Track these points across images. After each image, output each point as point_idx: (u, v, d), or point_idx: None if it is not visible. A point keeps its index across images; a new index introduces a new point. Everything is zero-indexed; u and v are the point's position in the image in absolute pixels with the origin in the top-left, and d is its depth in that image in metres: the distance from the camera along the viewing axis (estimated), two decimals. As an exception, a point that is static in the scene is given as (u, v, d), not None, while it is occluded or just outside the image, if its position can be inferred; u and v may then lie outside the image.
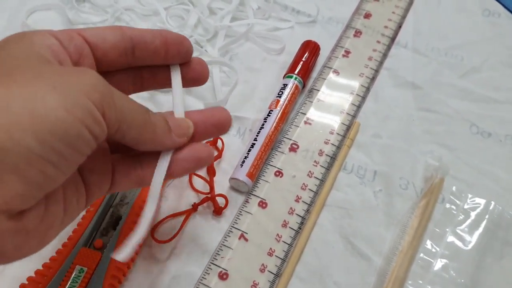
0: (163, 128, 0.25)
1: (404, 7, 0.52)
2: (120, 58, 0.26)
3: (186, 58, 0.29)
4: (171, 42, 0.27)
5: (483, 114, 0.45)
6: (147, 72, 0.29)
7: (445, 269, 0.36)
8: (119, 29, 0.26)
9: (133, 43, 0.26)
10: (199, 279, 0.35)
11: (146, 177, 0.26)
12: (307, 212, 0.38)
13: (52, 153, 0.19)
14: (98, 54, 0.25)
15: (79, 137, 0.20)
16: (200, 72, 0.30)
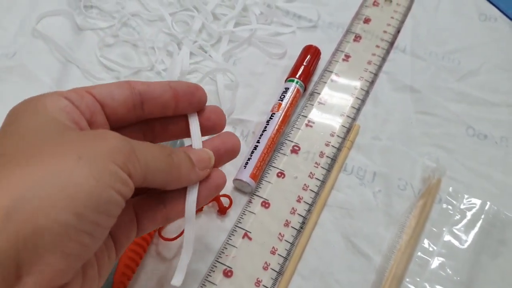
0: (187, 166, 0.26)
1: (402, 12, 0.53)
2: (129, 113, 0.26)
3: (198, 107, 0.29)
4: (181, 94, 0.27)
5: (480, 116, 0.46)
6: (159, 125, 0.29)
7: (442, 267, 0.37)
8: (127, 84, 0.26)
9: (142, 99, 0.26)
10: (205, 276, 0.36)
11: (170, 215, 0.27)
12: (308, 212, 0.40)
13: (88, 224, 0.19)
14: (108, 112, 0.25)
15: (110, 202, 0.20)
16: (216, 122, 0.29)
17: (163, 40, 0.49)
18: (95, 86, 0.25)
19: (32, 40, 0.49)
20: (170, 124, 0.29)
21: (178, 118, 0.29)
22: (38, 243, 0.18)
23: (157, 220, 0.27)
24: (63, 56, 0.48)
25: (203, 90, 0.28)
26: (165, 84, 0.27)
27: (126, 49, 0.49)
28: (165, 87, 0.27)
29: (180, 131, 0.29)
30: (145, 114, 0.27)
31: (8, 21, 0.50)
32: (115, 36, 0.50)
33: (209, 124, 0.29)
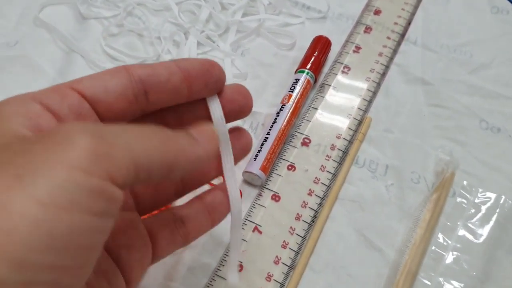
0: (186, 138, 0.21)
1: (413, 4, 0.52)
2: (131, 107, 0.21)
3: (217, 88, 0.23)
4: (194, 75, 0.22)
5: (493, 109, 0.45)
6: (172, 115, 0.24)
7: (457, 262, 0.36)
8: (124, 71, 0.21)
9: (145, 87, 0.21)
10: (214, 271, 0.35)
11: (190, 234, 0.24)
12: (320, 205, 0.39)
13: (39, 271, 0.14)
14: (101, 109, 0.20)
15: (75, 229, 0.15)
16: (242, 103, 0.24)
17: (169, 30, 0.48)
18: (83, 79, 0.20)
19: (35, 29, 0.48)
20: (186, 112, 0.24)
21: (194, 105, 0.23)
22: None
23: (176, 241, 0.24)
24: (66, 46, 0.47)
25: (219, 66, 0.23)
26: (172, 65, 0.22)
27: (131, 39, 0.48)
28: (172, 69, 0.21)
29: (197, 120, 0.23)
30: (151, 104, 0.22)
31: (9, 9, 0.49)
32: (120, 26, 0.48)
33: (234, 106, 0.24)
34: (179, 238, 0.24)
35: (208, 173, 0.25)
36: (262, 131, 0.42)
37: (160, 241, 0.23)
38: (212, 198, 0.25)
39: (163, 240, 0.23)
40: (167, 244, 0.23)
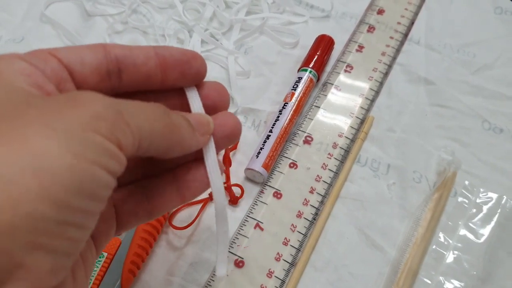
0: (187, 128, 0.21)
1: (416, 4, 0.52)
2: (103, 83, 0.21)
3: (195, 80, 0.23)
4: (171, 64, 0.22)
5: (495, 110, 0.45)
6: (144, 99, 0.22)
7: (458, 261, 0.37)
8: (102, 47, 0.21)
9: (119, 65, 0.21)
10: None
11: (154, 210, 0.23)
12: (321, 203, 0.39)
13: (71, 213, 0.15)
14: (77, 79, 0.20)
15: (97, 182, 0.16)
16: (217, 100, 0.24)
17: (173, 27, 0.48)
18: (61, 48, 0.20)
19: (40, 25, 0.48)
20: (161, 99, 0.23)
21: (170, 93, 0.24)
22: (11, 248, 0.14)
23: (139, 217, 0.23)
24: (71, 42, 0.47)
25: (201, 59, 0.23)
26: (150, 50, 0.22)
27: (135, 36, 0.48)
28: (150, 54, 0.22)
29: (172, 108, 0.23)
30: (124, 84, 0.22)
31: (16, 6, 0.50)
32: (125, 23, 0.49)
33: (209, 103, 0.24)
34: (143, 212, 0.23)
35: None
36: (265, 128, 0.42)
37: (123, 214, 0.23)
38: (184, 174, 0.24)
39: (126, 212, 0.23)
40: (130, 216, 0.23)
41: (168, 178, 0.24)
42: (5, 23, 0.48)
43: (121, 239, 0.33)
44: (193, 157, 0.24)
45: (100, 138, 0.16)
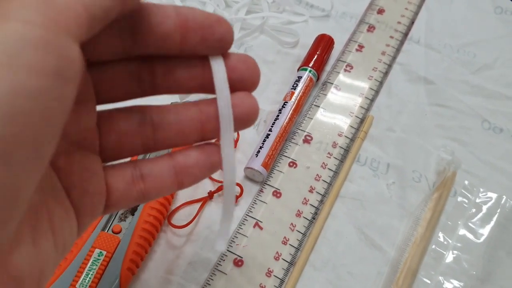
0: None
1: (417, 4, 0.52)
2: (112, 39, 0.19)
3: (219, 48, 0.20)
4: (192, 26, 0.19)
5: (495, 110, 0.45)
6: (160, 66, 0.21)
7: (457, 261, 0.37)
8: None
9: (133, 21, 0.18)
10: (215, 265, 0.35)
11: (148, 192, 0.22)
12: (321, 202, 0.39)
13: None
14: None
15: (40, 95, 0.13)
16: (244, 75, 0.21)
17: (173, 26, 0.48)
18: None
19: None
20: (178, 68, 0.21)
21: (191, 62, 0.21)
22: None
23: (131, 197, 0.21)
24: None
25: (228, 25, 0.20)
26: (169, 9, 0.19)
27: (135, 35, 0.48)
28: (168, 12, 0.19)
29: (192, 80, 0.21)
30: (137, 46, 0.19)
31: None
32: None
33: (235, 76, 0.21)
34: (135, 193, 0.21)
35: (188, 135, 0.22)
36: (264, 127, 0.42)
37: (113, 193, 0.21)
38: (184, 158, 0.22)
39: (116, 192, 0.21)
40: (120, 197, 0.21)
41: (166, 160, 0.22)
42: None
43: (120, 238, 0.33)
44: (195, 140, 0.22)
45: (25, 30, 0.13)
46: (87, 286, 0.31)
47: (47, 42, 0.13)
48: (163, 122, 0.21)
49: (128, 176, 0.21)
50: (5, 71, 0.12)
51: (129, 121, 0.21)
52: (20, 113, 0.13)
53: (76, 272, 0.31)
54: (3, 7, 0.13)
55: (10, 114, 0.12)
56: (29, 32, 0.13)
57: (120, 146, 0.21)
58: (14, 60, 0.13)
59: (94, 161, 0.20)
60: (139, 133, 0.21)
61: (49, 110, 0.14)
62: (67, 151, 0.19)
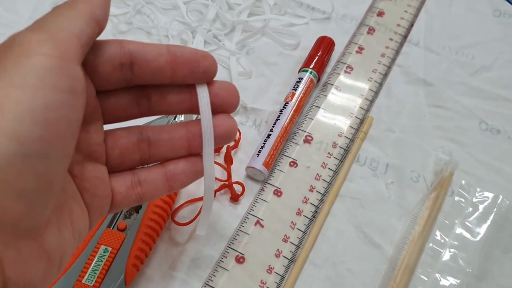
0: None
1: (416, 6, 0.53)
2: (115, 73, 0.23)
3: (204, 79, 0.25)
4: (181, 61, 0.24)
5: (493, 111, 0.46)
6: (156, 93, 0.25)
7: (454, 259, 0.37)
8: (117, 43, 0.23)
9: (132, 59, 0.23)
10: (217, 262, 0.36)
11: (145, 195, 0.26)
12: (321, 201, 0.40)
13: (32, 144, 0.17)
14: (89, 69, 0.23)
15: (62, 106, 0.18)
16: (226, 100, 0.25)
17: (177, 28, 0.49)
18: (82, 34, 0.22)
19: (46, 25, 0.49)
20: (171, 94, 0.25)
21: (180, 88, 0.25)
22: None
23: (131, 198, 0.26)
24: (76, 42, 0.48)
25: (212, 59, 0.24)
26: (162, 48, 0.24)
27: (140, 37, 0.49)
28: (161, 50, 0.23)
29: (182, 103, 0.26)
30: (135, 78, 0.24)
31: (21, 6, 0.51)
32: (129, 23, 0.50)
33: (217, 101, 0.25)
34: (134, 196, 0.26)
35: (178, 150, 0.26)
36: (266, 127, 0.43)
37: (117, 196, 0.25)
38: (174, 167, 0.26)
39: (119, 195, 0.25)
40: (122, 199, 0.26)
41: (159, 169, 0.26)
42: (13, 23, 0.49)
43: (125, 235, 0.34)
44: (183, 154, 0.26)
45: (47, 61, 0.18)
46: (93, 282, 0.32)
47: (62, 68, 0.18)
48: (158, 139, 0.26)
49: (128, 182, 0.26)
50: (39, 91, 0.17)
51: (130, 139, 0.26)
52: (52, 120, 0.18)
53: (82, 268, 0.32)
54: (25, 46, 0.18)
55: (46, 121, 0.17)
56: (49, 62, 0.18)
57: (122, 159, 0.26)
58: (43, 82, 0.17)
59: (102, 170, 0.25)
60: (137, 149, 0.26)
61: (69, 116, 0.19)
62: (81, 162, 0.24)
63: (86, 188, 0.23)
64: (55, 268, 0.21)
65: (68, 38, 0.19)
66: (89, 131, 0.24)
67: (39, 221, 0.19)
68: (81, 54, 0.20)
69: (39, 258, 0.19)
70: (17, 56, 0.18)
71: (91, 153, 0.24)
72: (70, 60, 0.19)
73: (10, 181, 0.16)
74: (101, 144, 0.25)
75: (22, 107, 0.17)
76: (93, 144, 0.24)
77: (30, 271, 0.19)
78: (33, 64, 0.17)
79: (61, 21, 0.19)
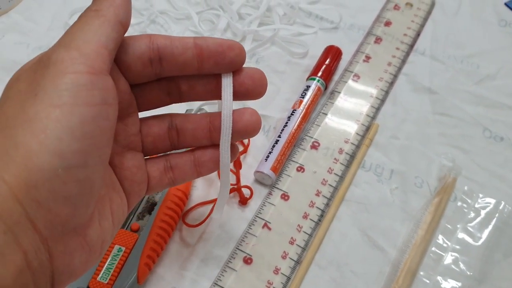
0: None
1: (423, 16, 0.54)
2: (146, 69, 0.25)
3: (231, 68, 0.26)
4: (207, 54, 0.25)
5: (496, 119, 0.47)
6: (185, 83, 0.27)
7: (455, 263, 0.38)
8: (147, 38, 0.24)
9: (160, 54, 0.24)
10: (226, 263, 0.37)
11: (176, 179, 0.29)
12: (326, 205, 0.41)
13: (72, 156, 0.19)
14: (122, 67, 0.24)
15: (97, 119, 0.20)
16: (250, 88, 0.26)
17: (189, 37, 0.51)
18: None
19: (64, 34, 0.51)
20: (199, 83, 0.27)
21: (208, 78, 0.27)
22: (37, 197, 0.18)
23: (164, 182, 0.28)
24: (93, 50, 0.50)
25: (239, 49, 0.25)
26: (189, 41, 0.25)
27: (153, 45, 0.51)
28: (188, 44, 0.25)
29: (209, 92, 0.27)
30: (165, 71, 0.25)
31: (41, 16, 0.53)
32: (144, 33, 0.51)
33: (242, 90, 0.26)
34: (166, 180, 0.28)
35: (200, 140, 0.28)
36: (274, 133, 0.44)
37: (152, 180, 0.28)
38: (201, 154, 0.28)
39: (154, 179, 0.28)
40: (157, 183, 0.28)
41: (189, 156, 0.29)
42: (32, 32, 0.51)
43: (138, 235, 0.36)
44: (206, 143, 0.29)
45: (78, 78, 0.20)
46: (107, 279, 0.34)
47: (93, 83, 0.20)
48: (184, 128, 0.28)
49: (161, 167, 0.28)
50: (74, 108, 0.19)
51: (161, 127, 0.28)
52: (88, 133, 0.20)
53: (97, 266, 0.34)
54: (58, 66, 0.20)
55: (83, 135, 0.19)
56: (81, 80, 0.20)
57: (155, 145, 0.28)
58: (77, 100, 0.19)
59: (139, 158, 0.27)
60: (168, 136, 0.28)
61: (103, 126, 0.21)
62: (120, 153, 0.26)
63: (126, 176, 0.26)
64: (97, 255, 0.23)
65: (96, 51, 0.21)
66: (127, 124, 0.26)
67: (83, 219, 0.21)
68: (109, 61, 0.22)
69: (82, 249, 0.22)
70: (53, 76, 0.20)
71: (129, 143, 0.26)
72: (100, 73, 0.21)
73: (56, 190, 0.19)
74: (137, 134, 0.27)
75: (61, 126, 0.19)
76: (130, 135, 0.26)
77: (74, 261, 0.21)
78: (66, 83, 0.19)
79: (88, 32, 0.21)
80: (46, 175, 0.18)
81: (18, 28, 0.52)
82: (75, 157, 0.19)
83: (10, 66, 0.48)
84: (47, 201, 0.19)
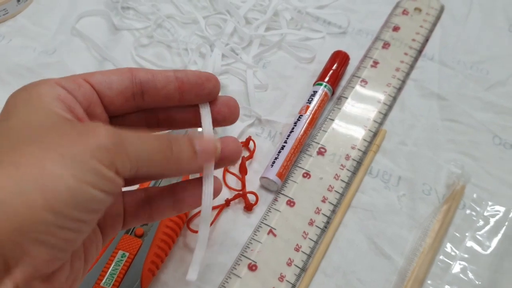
0: (188, 156, 0.24)
1: (432, 22, 0.54)
2: (128, 103, 0.25)
3: (209, 99, 0.27)
4: (187, 86, 0.26)
5: (506, 126, 0.46)
6: (163, 113, 0.28)
7: (464, 272, 0.38)
8: (129, 73, 0.25)
9: (143, 88, 0.25)
10: (230, 269, 0.37)
11: (153, 215, 0.28)
12: (333, 212, 0.40)
13: (68, 221, 0.19)
14: (105, 101, 0.25)
15: (92, 200, 0.20)
16: (226, 116, 0.28)
17: (196, 42, 0.51)
18: (94, 73, 0.25)
19: (71, 38, 0.51)
20: (178, 113, 0.28)
21: (187, 108, 0.27)
22: (20, 241, 0.18)
23: (141, 218, 0.28)
24: (99, 54, 0.50)
25: (215, 80, 0.27)
26: (170, 75, 0.26)
27: (160, 50, 0.51)
28: (169, 78, 0.26)
29: (187, 120, 0.28)
30: (146, 103, 0.26)
31: (49, 20, 0.53)
32: (150, 37, 0.51)
33: (219, 117, 0.28)
34: (143, 216, 0.28)
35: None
36: (280, 139, 0.44)
37: (127, 215, 0.27)
38: (182, 190, 0.28)
39: (130, 214, 0.27)
40: (132, 218, 0.27)
41: (168, 191, 0.28)
42: (39, 36, 0.51)
43: (142, 241, 0.35)
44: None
45: (99, 165, 0.20)
46: (110, 285, 0.33)
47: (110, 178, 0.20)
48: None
49: (139, 202, 0.27)
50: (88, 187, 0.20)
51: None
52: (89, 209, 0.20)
53: (101, 271, 0.34)
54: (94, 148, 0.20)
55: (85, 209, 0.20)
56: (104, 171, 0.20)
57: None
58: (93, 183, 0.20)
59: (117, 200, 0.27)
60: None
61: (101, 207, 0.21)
62: None
63: None
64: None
65: None
66: None
67: (57, 266, 0.21)
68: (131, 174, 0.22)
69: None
70: None
71: None
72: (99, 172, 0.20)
73: (43, 239, 0.19)
74: None
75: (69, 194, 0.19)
76: None
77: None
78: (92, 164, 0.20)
79: None
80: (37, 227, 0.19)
81: (25, 32, 0.52)
82: (71, 222, 0.20)
83: (17, 70, 0.48)
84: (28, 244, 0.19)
